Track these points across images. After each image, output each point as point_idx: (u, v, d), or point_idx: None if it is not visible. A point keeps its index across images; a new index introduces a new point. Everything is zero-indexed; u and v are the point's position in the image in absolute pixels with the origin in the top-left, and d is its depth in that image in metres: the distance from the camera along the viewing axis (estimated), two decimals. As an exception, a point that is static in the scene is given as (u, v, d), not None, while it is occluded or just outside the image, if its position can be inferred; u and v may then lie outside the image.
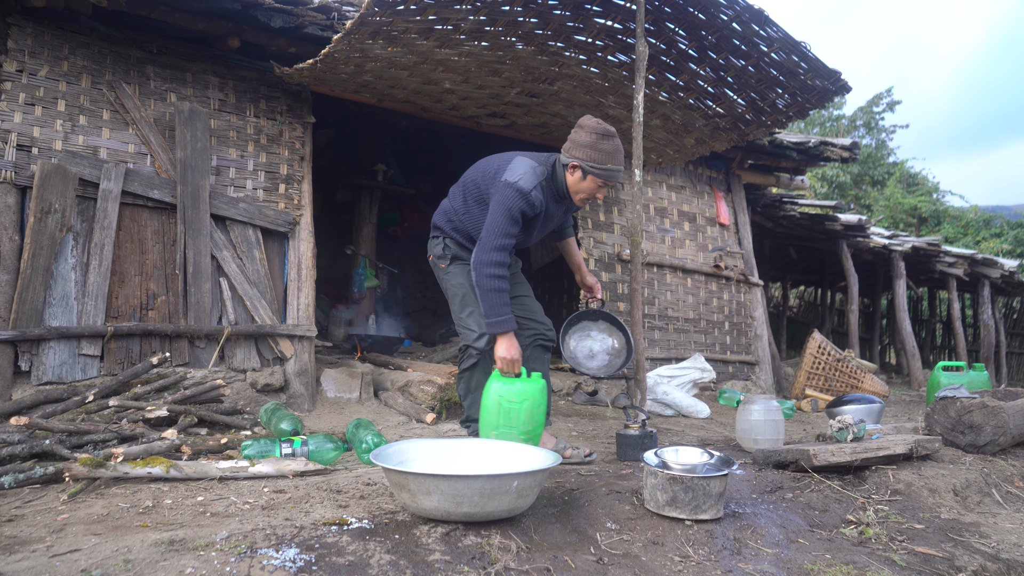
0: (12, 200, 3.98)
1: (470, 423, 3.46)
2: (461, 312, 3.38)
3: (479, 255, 3.10)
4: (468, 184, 3.41)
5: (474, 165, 3.48)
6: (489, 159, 3.44)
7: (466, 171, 3.51)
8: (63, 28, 4.25)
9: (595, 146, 3.14)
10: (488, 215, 3.15)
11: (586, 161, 3.15)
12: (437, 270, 3.50)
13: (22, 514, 2.48)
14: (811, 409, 6.52)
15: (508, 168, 3.20)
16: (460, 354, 3.45)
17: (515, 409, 3.17)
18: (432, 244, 3.50)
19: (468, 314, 3.36)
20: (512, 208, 3.10)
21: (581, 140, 3.17)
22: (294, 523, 2.27)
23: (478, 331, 3.31)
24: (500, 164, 3.29)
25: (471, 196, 3.37)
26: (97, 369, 4.11)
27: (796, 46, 4.11)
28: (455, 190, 3.48)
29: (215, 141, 4.69)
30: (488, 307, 3.11)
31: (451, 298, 3.44)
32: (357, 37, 3.91)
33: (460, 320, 3.40)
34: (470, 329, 3.34)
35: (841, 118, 21.87)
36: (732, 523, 2.58)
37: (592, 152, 3.14)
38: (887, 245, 10.46)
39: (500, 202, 3.11)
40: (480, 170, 3.40)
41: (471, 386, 3.42)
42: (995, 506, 3.16)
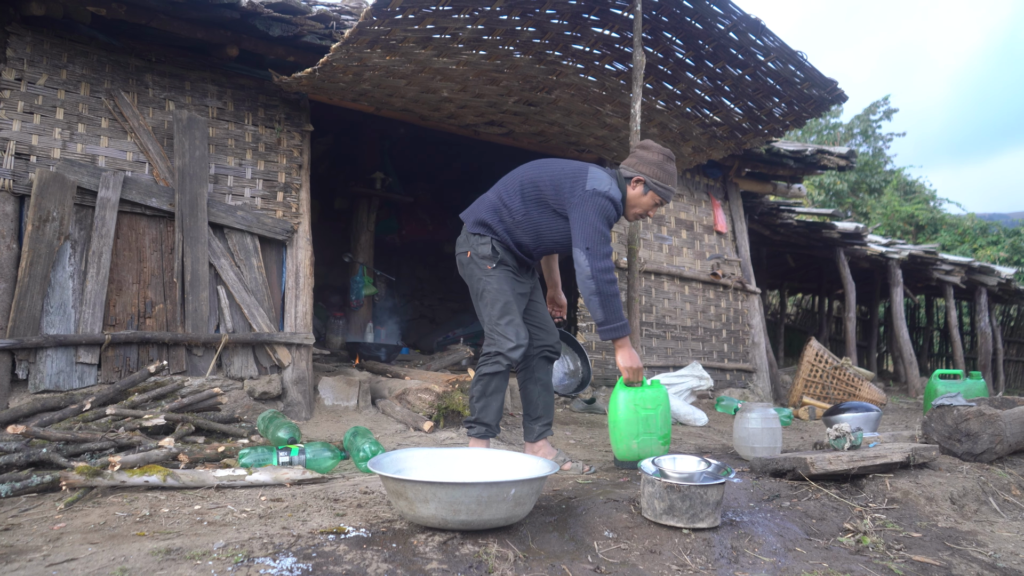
0: (10, 208, 3.98)
1: (476, 426, 3.37)
2: (500, 319, 3.29)
3: (596, 263, 3.12)
4: (526, 184, 3.32)
5: (534, 164, 3.40)
6: (551, 162, 3.38)
7: (519, 170, 3.41)
8: (62, 37, 4.26)
9: (661, 165, 3.31)
10: (583, 224, 3.15)
11: (651, 177, 3.30)
12: (476, 269, 3.35)
13: (18, 523, 2.47)
14: (809, 417, 6.52)
15: (589, 177, 3.23)
16: (484, 358, 3.33)
17: (652, 415, 3.30)
18: (475, 241, 3.35)
19: (508, 323, 3.28)
20: (609, 217, 3.20)
21: (648, 158, 3.33)
22: (291, 532, 2.27)
23: (516, 342, 3.26)
24: (575, 172, 3.27)
25: (530, 197, 3.30)
26: (94, 377, 4.11)
27: (792, 55, 4.13)
28: (510, 187, 3.36)
29: (213, 149, 4.70)
30: (613, 312, 3.16)
31: (488, 302, 3.32)
32: (355, 46, 3.93)
33: (496, 327, 3.30)
34: (507, 338, 3.26)
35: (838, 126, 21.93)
36: (729, 531, 2.58)
37: (657, 170, 3.31)
38: (884, 253, 10.49)
39: (597, 211, 3.16)
40: (546, 172, 3.32)
41: (488, 390, 3.33)
42: (992, 514, 3.16)
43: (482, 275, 3.33)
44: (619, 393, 3.32)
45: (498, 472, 2.67)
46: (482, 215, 3.36)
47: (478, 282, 3.35)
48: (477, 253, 3.33)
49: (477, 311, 3.42)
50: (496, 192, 3.40)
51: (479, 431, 3.36)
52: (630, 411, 3.26)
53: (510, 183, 3.38)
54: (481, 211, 3.38)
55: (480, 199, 3.45)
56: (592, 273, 3.13)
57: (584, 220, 3.15)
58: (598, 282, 3.13)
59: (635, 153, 3.39)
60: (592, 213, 3.15)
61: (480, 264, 3.33)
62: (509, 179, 3.41)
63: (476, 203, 3.45)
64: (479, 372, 3.35)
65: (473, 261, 3.35)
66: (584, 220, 3.15)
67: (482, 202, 3.42)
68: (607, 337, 3.20)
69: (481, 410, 3.35)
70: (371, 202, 7.57)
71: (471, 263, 3.37)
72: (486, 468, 2.72)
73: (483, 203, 3.41)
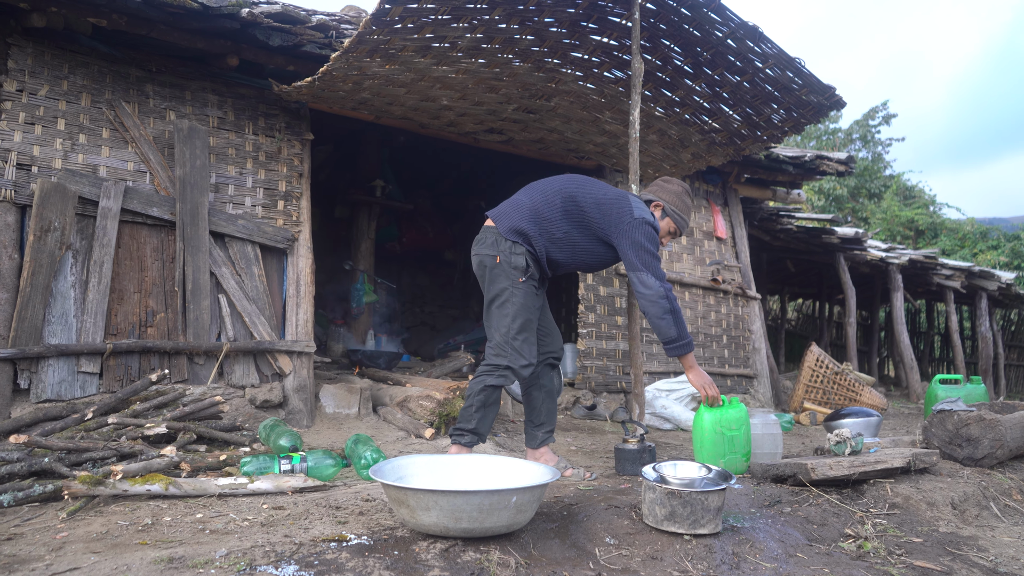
0: (12, 219, 4.00)
1: (469, 435, 3.29)
2: (518, 334, 3.25)
3: (661, 287, 3.28)
4: (568, 201, 3.36)
5: (571, 181, 3.44)
6: (592, 184, 3.45)
7: (557, 183, 3.43)
8: (63, 48, 4.28)
9: (680, 196, 3.63)
10: (639, 250, 3.30)
11: (670, 204, 3.60)
12: (503, 277, 3.28)
13: (21, 532, 2.48)
14: (809, 422, 6.52)
15: (634, 205, 3.38)
16: (490, 369, 3.27)
17: (736, 436, 3.40)
18: (508, 248, 3.28)
19: (524, 340, 3.27)
20: (655, 243, 3.37)
21: (669, 188, 3.64)
22: (293, 540, 2.28)
23: (528, 360, 3.25)
24: (619, 199, 3.38)
25: (573, 216, 3.36)
26: (96, 386, 4.12)
27: (790, 62, 4.15)
28: (550, 201, 3.35)
29: (214, 158, 4.72)
30: (683, 328, 3.32)
31: (510, 314, 3.26)
32: (355, 55, 3.95)
33: (513, 341, 3.25)
34: (521, 355, 3.25)
35: (837, 131, 21.98)
36: (731, 537, 2.59)
37: (676, 200, 3.62)
38: (884, 258, 10.50)
39: (647, 238, 3.32)
40: (588, 194, 3.38)
41: (488, 401, 3.29)
42: (993, 519, 3.16)
43: (509, 285, 3.27)
44: (704, 415, 3.42)
45: (499, 479, 2.67)
46: (520, 223, 3.31)
47: (502, 290, 3.28)
48: (510, 262, 3.27)
49: (488, 315, 3.35)
50: (533, 201, 3.37)
51: (470, 440, 3.30)
52: (716, 433, 3.37)
53: (551, 196, 3.37)
54: (518, 219, 3.33)
55: (514, 203, 3.40)
56: (665, 293, 3.28)
57: (640, 246, 3.29)
58: (671, 301, 3.29)
59: (656, 183, 3.66)
60: (645, 239, 3.30)
61: (510, 274, 3.27)
62: (548, 191, 3.39)
63: (510, 207, 3.39)
64: (483, 382, 3.28)
65: (502, 268, 3.28)
66: (640, 246, 3.29)
67: (518, 208, 3.37)
68: (677, 354, 3.33)
69: (479, 421, 3.29)
70: (371, 210, 7.59)
71: (498, 268, 3.29)
72: (488, 475, 2.72)
73: (520, 209, 3.36)
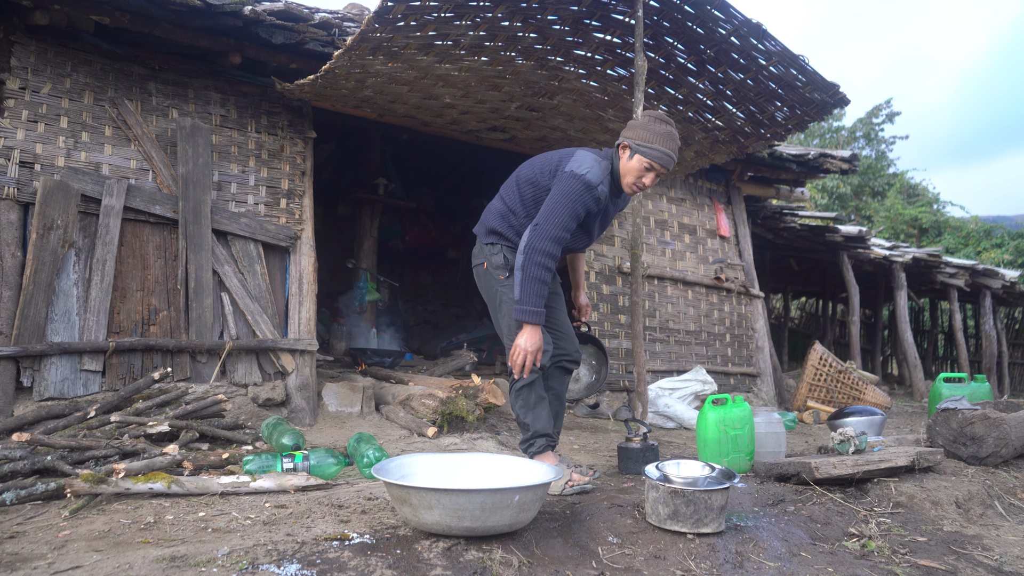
0: (15, 216, 4.00)
1: (537, 439, 3.15)
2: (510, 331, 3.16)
3: (533, 240, 2.91)
4: (523, 183, 3.22)
5: (528, 162, 3.29)
6: (546, 155, 3.25)
7: (519, 168, 3.31)
8: (66, 46, 4.28)
9: (646, 127, 3.07)
10: (548, 203, 2.97)
11: (634, 140, 3.06)
12: (492, 281, 3.23)
13: (24, 530, 2.48)
14: (813, 421, 6.51)
15: (572, 159, 3.05)
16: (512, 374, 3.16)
17: (740, 435, 3.39)
18: (488, 252, 3.24)
19: None
20: (576, 202, 2.97)
21: (635, 123, 3.12)
22: (296, 538, 2.27)
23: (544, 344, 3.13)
24: (561, 157, 3.12)
25: (528, 197, 3.18)
26: (99, 384, 4.12)
27: (794, 59, 4.14)
28: (510, 190, 3.26)
29: (217, 156, 4.72)
30: (527, 295, 2.92)
31: (507, 312, 3.17)
32: (358, 53, 3.94)
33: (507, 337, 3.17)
34: None
35: (841, 129, 21.93)
36: (734, 536, 2.58)
37: (642, 132, 3.06)
38: (888, 256, 10.47)
39: (564, 192, 2.96)
40: (536, 166, 3.21)
41: (530, 402, 3.15)
42: (998, 518, 3.15)
43: (498, 286, 3.21)
44: (708, 414, 3.43)
45: (502, 478, 2.67)
46: (492, 223, 3.26)
47: (495, 293, 3.24)
48: (491, 264, 3.23)
49: (496, 324, 3.30)
50: (500, 197, 3.32)
51: (542, 444, 3.15)
52: (719, 431, 3.38)
53: (510, 185, 3.29)
54: (490, 220, 3.28)
55: (488, 208, 3.36)
56: (524, 247, 2.94)
57: (551, 199, 2.98)
58: (527, 259, 2.92)
59: (628, 123, 3.20)
60: (559, 194, 2.97)
61: (493, 275, 3.22)
62: (509, 182, 3.32)
63: (484, 213, 3.35)
64: (514, 388, 3.17)
65: (488, 273, 3.25)
66: (551, 199, 2.98)
67: (489, 211, 3.32)
68: (519, 318, 2.95)
69: (533, 422, 3.15)
70: (374, 208, 7.59)
71: (487, 275, 3.26)
72: (490, 474, 2.72)
73: (491, 211, 3.31)
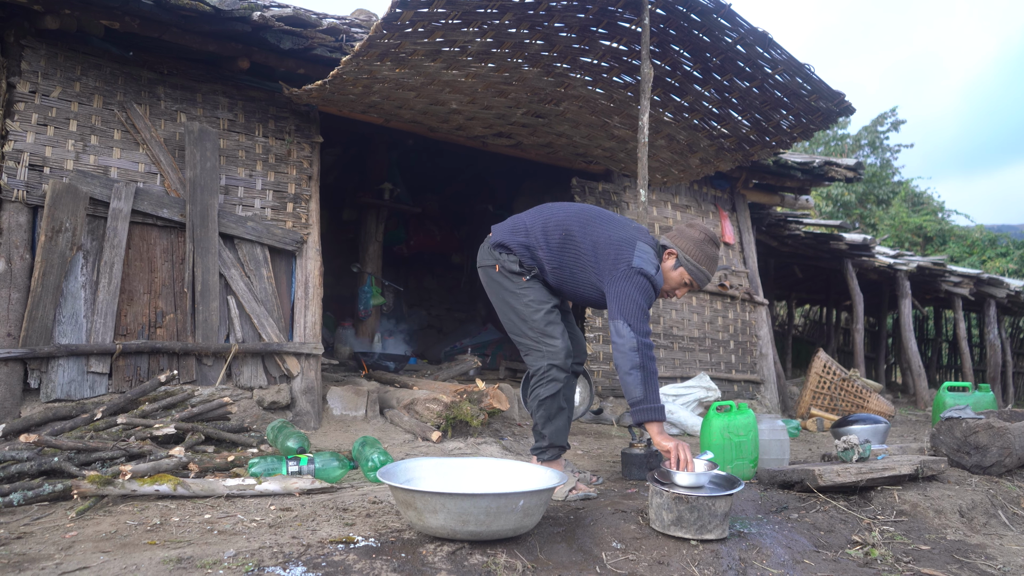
0: (24, 219, 4.02)
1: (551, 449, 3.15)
2: (546, 325, 3.11)
3: (642, 337, 2.91)
4: (566, 237, 3.14)
5: (578, 213, 3.20)
6: (597, 219, 3.18)
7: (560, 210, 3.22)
8: (76, 50, 4.31)
9: (700, 245, 3.14)
10: (625, 299, 2.95)
11: (685, 252, 3.12)
12: (508, 282, 3.17)
13: (31, 531, 2.50)
14: (816, 428, 6.50)
15: (637, 254, 3.04)
16: (538, 378, 3.11)
17: (744, 441, 3.42)
18: (501, 255, 3.18)
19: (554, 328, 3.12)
20: (650, 297, 3.01)
21: (689, 235, 3.17)
22: (301, 541, 2.29)
23: (564, 345, 3.10)
24: (619, 244, 3.07)
25: (567, 252, 3.13)
26: (105, 386, 4.14)
27: (800, 68, 4.15)
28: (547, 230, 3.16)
29: (224, 161, 4.74)
30: (652, 391, 2.90)
31: (532, 309, 3.11)
32: (365, 59, 3.96)
33: (545, 333, 3.11)
34: (554, 345, 3.09)
35: (846, 137, 21.92)
36: (737, 543, 2.59)
37: (696, 249, 3.13)
38: (892, 264, 10.46)
39: (639, 290, 2.97)
40: (587, 232, 3.13)
41: (552, 413, 3.11)
42: (1001, 527, 3.15)
43: (516, 288, 3.16)
44: (712, 420, 3.45)
45: (507, 483, 2.68)
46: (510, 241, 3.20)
47: (511, 296, 3.17)
48: (506, 268, 3.18)
49: (511, 327, 3.21)
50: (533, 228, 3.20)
51: (554, 454, 3.15)
52: (724, 438, 3.41)
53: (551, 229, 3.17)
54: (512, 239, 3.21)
55: (516, 224, 3.26)
56: (637, 346, 2.89)
57: (626, 295, 2.97)
58: (643, 356, 2.89)
59: (678, 228, 3.24)
60: (635, 290, 2.97)
61: (510, 277, 3.17)
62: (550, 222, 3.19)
63: (511, 225, 3.27)
64: (537, 396, 3.11)
65: (503, 275, 3.19)
66: (626, 295, 2.97)
67: (516, 231, 3.23)
68: (641, 419, 2.91)
69: (552, 434, 3.13)
70: (379, 212, 7.61)
71: (500, 276, 3.19)
72: (495, 479, 2.73)
73: (517, 232, 3.22)
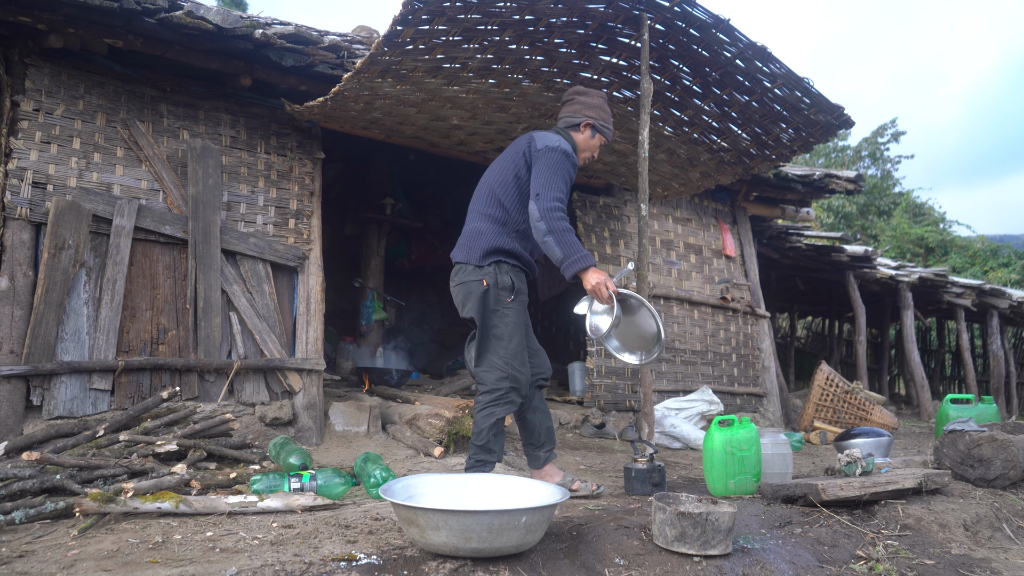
0: (27, 236, 4.04)
1: (490, 464, 3.28)
2: (517, 355, 3.23)
3: (543, 204, 3.08)
4: (500, 187, 3.31)
5: (488, 172, 3.43)
6: (501, 157, 3.43)
7: (482, 183, 3.42)
8: (79, 68, 4.34)
9: (602, 107, 3.47)
10: (536, 177, 3.14)
11: (598, 120, 3.44)
12: (492, 300, 3.24)
13: (32, 549, 2.49)
14: (820, 441, 6.49)
15: (538, 139, 3.26)
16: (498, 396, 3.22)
17: (747, 456, 3.41)
18: (492, 272, 3.24)
19: (522, 360, 3.25)
20: (563, 168, 3.18)
21: (592, 103, 3.45)
22: (303, 559, 2.28)
23: (527, 376, 3.26)
24: (522, 145, 3.32)
25: (513, 196, 3.28)
26: (108, 403, 4.14)
27: (799, 82, 4.17)
28: (489, 202, 3.32)
29: (226, 177, 4.76)
30: (569, 247, 3.07)
31: (506, 336, 3.22)
32: (367, 75, 3.99)
33: (513, 361, 3.21)
34: (522, 374, 3.23)
35: (846, 149, 21.98)
36: (741, 559, 2.58)
37: (601, 112, 3.45)
38: (894, 276, 10.46)
39: (550, 163, 3.15)
40: (506, 167, 3.33)
41: (499, 430, 3.28)
42: (1006, 541, 3.13)
43: (500, 307, 3.23)
44: (715, 434, 3.42)
45: (509, 499, 2.67)
46: (492, 242, 3.26)
47: (492, 314, 3.25)
48: (497, 284, 3.23)
49: (482, 341, 3.27)
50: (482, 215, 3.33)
51: (492, 466, 3.31)
52: (727, 453, 3.39)
53: (488, 198, 3.33)
54: (487, 239, 3.27)
55: (473, 232, 3.33)
56: (540, 214, 3.08)
57: (537, 173, 3.16)
58: (548, 221, 3.07)
59: (575, 100, 3.46)
60: (545, 167, 3.15)
61: (500, 296, 3.23)
62: (483, 197, 3.36)
63: (470, 238, 3.33)
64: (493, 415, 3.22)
65: (490, 292, 3.23)
66: (537, 173, 3.16)
67: (480, 233, 3.30)
68: (571, 271, 3.07)
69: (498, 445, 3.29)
70: (381, 227, 7.63)
71: (487, 294, 3.24)
72: (497, 495, 2.72)
73: (481, 233, 3.30)
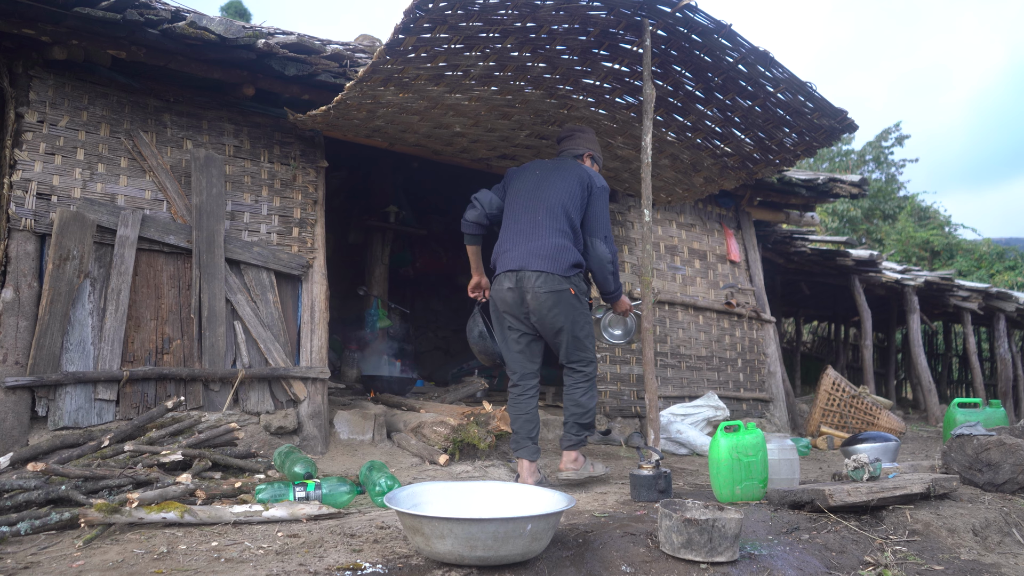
0: (32, 247, 4.05)
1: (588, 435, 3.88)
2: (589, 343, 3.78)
3: (612, 247, 3.75)
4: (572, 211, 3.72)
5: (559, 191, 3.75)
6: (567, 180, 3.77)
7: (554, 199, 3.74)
8: (83, 79, 4.36)
9: (596, 141, 4.11)
10: (601, 217, 3.73)
11: (596, 153, 4.07)
12: (578, 303, 3.70)
13: (38, 561, 2.49)
14: (827, 446, 6.46)
15: (594, 175, 3.79)
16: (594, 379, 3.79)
17: (753, 462, 3.44)
18: (575, 281, 3.69)
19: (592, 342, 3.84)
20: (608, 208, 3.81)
21: (590, 138, 4.07)
22: (308, 568, 2.27)
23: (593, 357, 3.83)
24: (586, 176, 3.77)
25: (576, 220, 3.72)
26: (113, 414, 4.14)
27: (802, 86, 4.16)
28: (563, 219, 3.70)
29: (230, 186, 4.77)
30: (618, 283, 3.85)
31: (589, 331, 3.76)
32: (369, 84, 3.99)
33: (593, 351, 3.80)
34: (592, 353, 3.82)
35: (850, 153, 21.94)
36: (748, 565, 2.56)
37: (597, 145, 4.10)
38: (900, 280, 10.43)
39: (605, 206, 3.77)
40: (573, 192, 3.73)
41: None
42: (1016, 546, 3.11)
43: (583, 308, 3.73)
44: (721, 440, 3.43)
45: (514, 507, 2.66)
46: (575, 257, 3.67)
47: (580, 315, 3.71)
48: (579, 289, 3.70)
49: (574, 340, 3.71)
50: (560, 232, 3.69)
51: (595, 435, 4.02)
52: (733, 459, 3.40)
53: (562, 217, 3.70)
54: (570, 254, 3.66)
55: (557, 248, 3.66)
56: (611, 256, 3.74)
57: (602, 214, 3.73)
58: (614, 263, 3.77)
59: (576, 136, 4.03)
60: (604, 207, 3.75)
61: (582, 299, 3.72)
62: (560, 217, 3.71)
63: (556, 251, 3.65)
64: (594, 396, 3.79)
65: (576, 297, 3.68)
66: (602, 214, 3.73)
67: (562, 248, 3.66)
68: (614, 299, 3.95)
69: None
70: (385, 235, 7.63)
71: (574, 299, 3.68)
72: (502, 503, 2.71)
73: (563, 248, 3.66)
